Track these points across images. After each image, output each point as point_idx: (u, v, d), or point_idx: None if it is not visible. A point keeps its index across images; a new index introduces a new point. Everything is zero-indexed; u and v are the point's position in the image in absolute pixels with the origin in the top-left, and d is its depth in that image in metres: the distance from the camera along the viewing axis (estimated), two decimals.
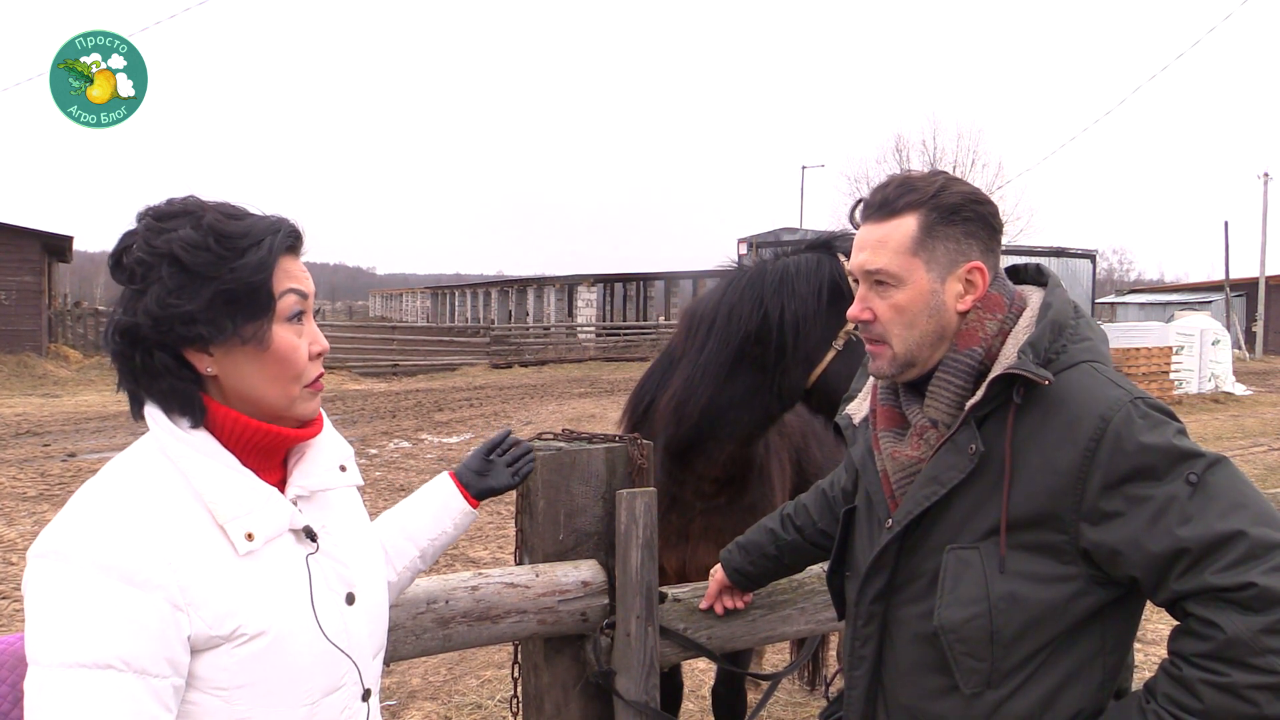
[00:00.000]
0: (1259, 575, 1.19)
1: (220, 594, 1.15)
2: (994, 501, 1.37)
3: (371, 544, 1.45)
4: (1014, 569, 1.35)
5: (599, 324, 35.04)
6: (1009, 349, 1.42)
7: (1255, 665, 1.18)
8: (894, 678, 1.49)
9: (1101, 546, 1.30)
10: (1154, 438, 1.29)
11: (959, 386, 1.43)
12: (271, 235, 1.24)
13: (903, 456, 1.48)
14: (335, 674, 1.27)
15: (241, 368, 1.23)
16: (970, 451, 1.38)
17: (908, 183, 1.46)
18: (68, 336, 23.56)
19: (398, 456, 11.15)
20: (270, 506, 1.23)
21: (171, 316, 1.18)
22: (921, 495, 1.42)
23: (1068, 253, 24.76)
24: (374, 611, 1.37)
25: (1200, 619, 1.23)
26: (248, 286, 1.20)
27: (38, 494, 8.39)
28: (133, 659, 1.08)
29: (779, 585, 2.17)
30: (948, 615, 1.37)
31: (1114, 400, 1.33)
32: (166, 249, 1.19)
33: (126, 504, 1.15)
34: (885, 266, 1.43)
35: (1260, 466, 10.65)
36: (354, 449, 7.56)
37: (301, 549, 1.27)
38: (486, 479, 1.77)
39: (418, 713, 4.28)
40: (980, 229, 1.45)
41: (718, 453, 2.77)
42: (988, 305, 1.45)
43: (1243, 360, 29.09)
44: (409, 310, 70.93)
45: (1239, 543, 1.21)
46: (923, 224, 1.42)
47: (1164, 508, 1.26)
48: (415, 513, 1.68)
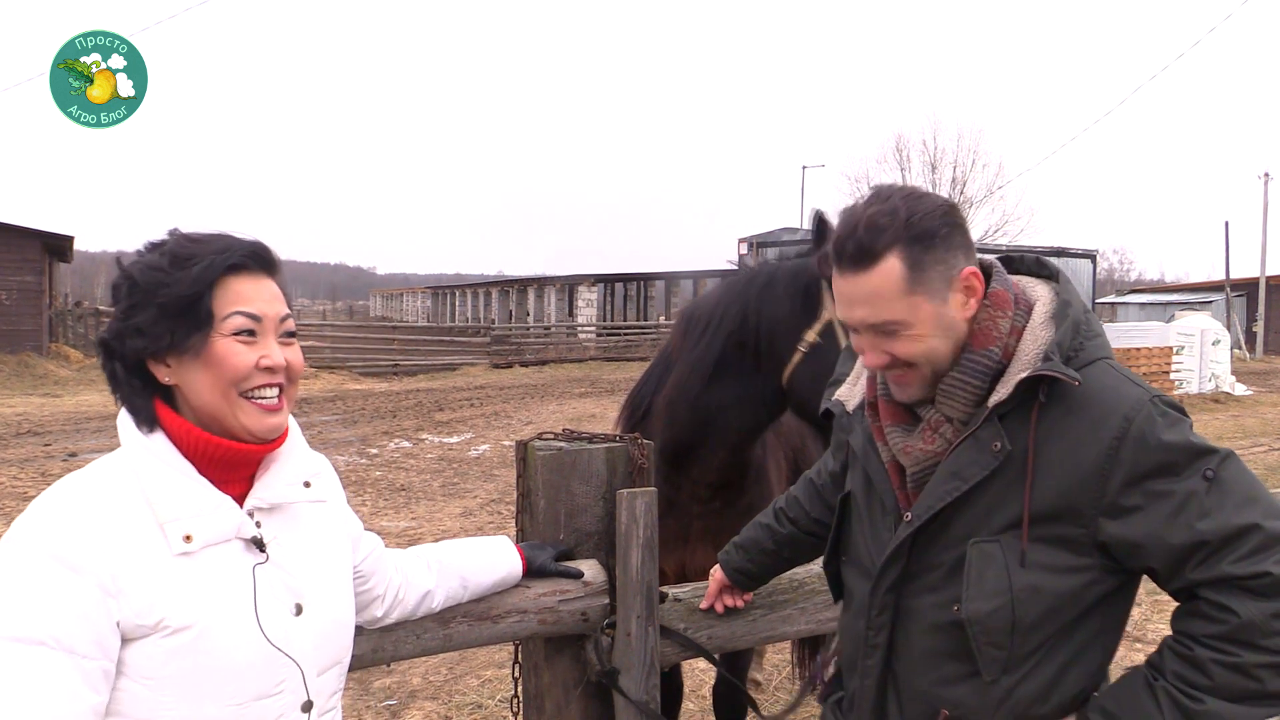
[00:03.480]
0: (1273, 565, 1.27)
1: (148, 586, 1.23)
2: (1015, 496, 1.40)
3: (336, 562, 1.48)
4: (1034, 561, 1.39)
5: (599, 324, 35.04)
6: (1027, 347, 1.43)
7: (1264, 646, 1.27)
8: (907, 665, 1.52)
9: (1121, 540, 1.35)
10: (1174, 436, 1.34)
11: (976, 386, 1.44)
12: (216, 255, 1.32)
13: (916, 451, 1.49)
14: (272, 679, 1.31)
15: (189, 376, 1.31)
16: (995, 449, 1.40)
17: (874, 222, 1.40)
18: (68, 336, 23.57)
19: (398, 456, 11.15)
20: (218, 514, 1.30)
21: (125, 330, 1.30)
22: (944, 490, 1.44)
23: (1068, 253, 24.71)
24: (326, 626, 1.40)
25: (1214, 604, 1.30)
26: (181, 300, 1.29)
27: (38, 494, 8.37)
28: (64, 637, 1.16)
29: (779, 585, 2.17)
30: (974, 607, 1.41)
31: (1136, 400, 1.36)
32: (130, 270, 1.32)
33: (76, 498, 1.26)
34: (889, 318, 1.41)
35: (1261, 466, 10.64)
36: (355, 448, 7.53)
37: (250, 558, 1.34)
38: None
39: (418, 712, 4.28)
40: (957, 235, 1.43)
41: (711, 459, 2.77)
42: (996, 303, 1.46)
43: (1243, 360, 29.08)
44: (409, 310, 70.96)
45: (1254, 535, 1.29)
46: (908, 261, 1.39)
47: (1184, 503, 1.31)
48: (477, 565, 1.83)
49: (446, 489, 9.33)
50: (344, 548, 1.53)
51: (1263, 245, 37.35)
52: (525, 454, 2.05)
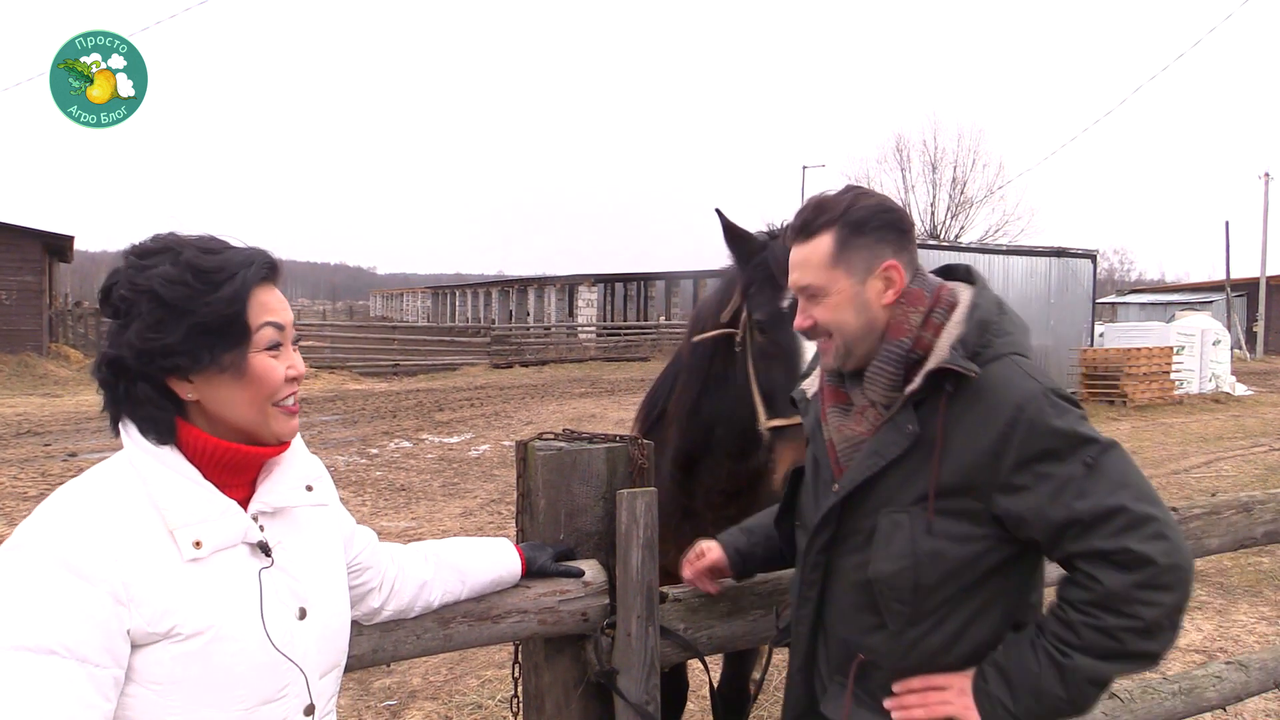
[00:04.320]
0: (1134, 542, 1.46)
1: (160, 593, 1.22)
2: (924, 473, 1.59)
3: (335, 565, 1.49)
4: (939, 530, 1.58)
5: (599, 324, 35.06)
6: (943, 342, 1.62)
7: (1125, 612, 1.46)
8: (834, 616, 1.74)
9: (1010, 514, 1.55)
10: (1061, 424, 1.52)
11: (891, 373, 1.64)
12: (244, 269, 1.31)
13: (848, 431, 1.71)
14: (277, 683, 1.31)
15: (220, 393, 1.31)
16: (908, 431, 1.60)
17: (821, 205, 1.68)
18: (68, 336, 23.58)
19: (398, 456, 11.15)
20: (225, 519, 1.30)
21: (152, 349, 1.26)
22: (865, 465, 1.64)
23: (1068, 253, 24.61)
24: (327, 629, 1.41)
25: (1085, 574, 1.50)
26: (223, 319, 1.28)
27: (39, 494, 8.40)
28: (75, 646, 1.15)
29: (780, 585, 2.17)
30: (880, 567, 1.61)
31: (1029, 391, 1.54)
32: (147, 285, 1.27)
33: (84, 505, 1.24)
34: (812, 281, 1.67)
35: (1261, 466, 10.65)
36: (355, 448, 7.55)
37: (255, 562, 1.33)
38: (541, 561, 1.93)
39: (418, 712, 4.28)
40: (889, 233, 1.66)
41: (719, 468, 2.75)
42: (910, 300, 1.66)
43: (1243, 360, 29.08)
44: (410, 310, 70.97)
45: (1121, 516, 1.47)
46: (837, 239, 1.64)
47: (1064, 485, 1.50)
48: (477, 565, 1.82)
49: (446, 489, 9.33)
50: (340, 550, 1.54)
51: (1263, 245, 37.37)
52: (525, 454, 2.05)
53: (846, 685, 1.70)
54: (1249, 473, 10.14)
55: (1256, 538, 2.77)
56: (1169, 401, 17.22)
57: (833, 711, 1.72)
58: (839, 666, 1.72)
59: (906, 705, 1.63)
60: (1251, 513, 2.74)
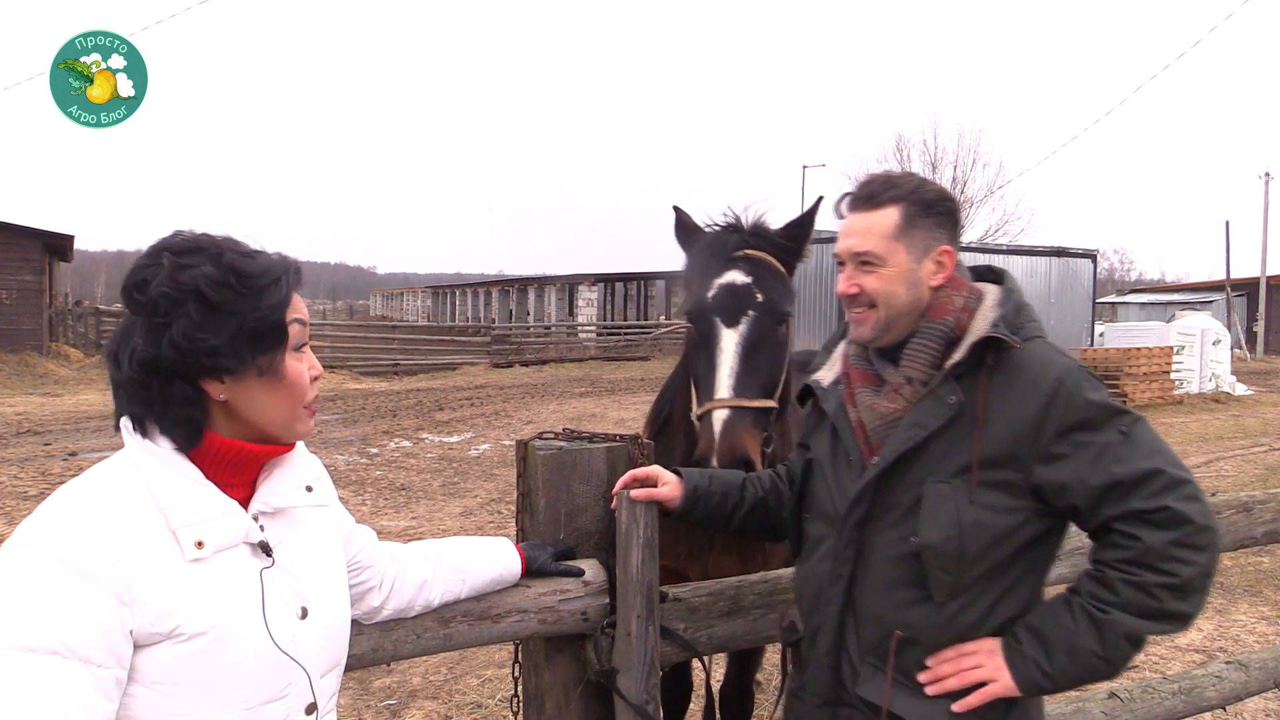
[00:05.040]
0: (1172, 501, 1.54)
1: (163, 593, 1.22)
2: (965, 445, 1.65)
3: (335, 565, 1.50)
4: (980, 500, 1.63)
5: (599, 323, 35.05)
6: (978, 323, 1.71)
7: (1162, 569, 1.53)
8: (867, 593, 1.74)
9: (1052, 482, 1.61)
10: (1096, 396, 1.62)
11: (933, 349, 1.72)
12: (285, 275, 1.35)
13: (881, 408, 1.75)
14: (279, 683, 1.31)
15: (253, 394, 1.32)
16: (950, 402, 1.66)
17: (890, 180, 1.76)
18: (68, 335, 23.57)
19: (399, 456, 11.15)
20: (226, 519, 1.30)
21: (197, 350, 1.26)
22: (906, 437, 1.69)
23: (1068, 252, 24.64)
24: (329, 628, 1.42)
25: (1124, 534, 1.57)
26: (269, 324, 1.31)
27: (39, 493, 8.40)
28: (78, 647, 1.14)
29: (780, 585, 2.17)
30: (928, 535, 1.65)
31: (1066, 365, 1.65)
32: (192, 285, 1.27)
33: (86, 505, 1.23)
34: (872, 249, 1.73)
35: (1261, 466, 10.64)
36: (355, 448, 7.54)
37: (256, 562, 1.34)
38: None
39: (418, 712, 4.28)
40: (948, 221, 1.77)
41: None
42: (954, 285, 1.76)
43: (1243, 360, 29.07)
44: (410, 309, 70.95)
45: (1159, 478, 1.56)
46: (904, 214, 1.72)
47: (1102, 451, 1.59)
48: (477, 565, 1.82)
49: (446, 488, 9.33)
50: (340, 549, 1.54)
51: (1263, 245, 37.37)
52: (525, 453, 2.05)
53: (883, 668, 1.71)
54: (1249, 472, 10.13)
55: (1256, 537, 2.77)
56: (1169, 401, 17.21)
57: (869, 693, 1.72)
58: (872, 647, 1.73)
59: (941, 675, 1.66)
60: (1251, 512, 2.74)
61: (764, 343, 2.42)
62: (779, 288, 2.49)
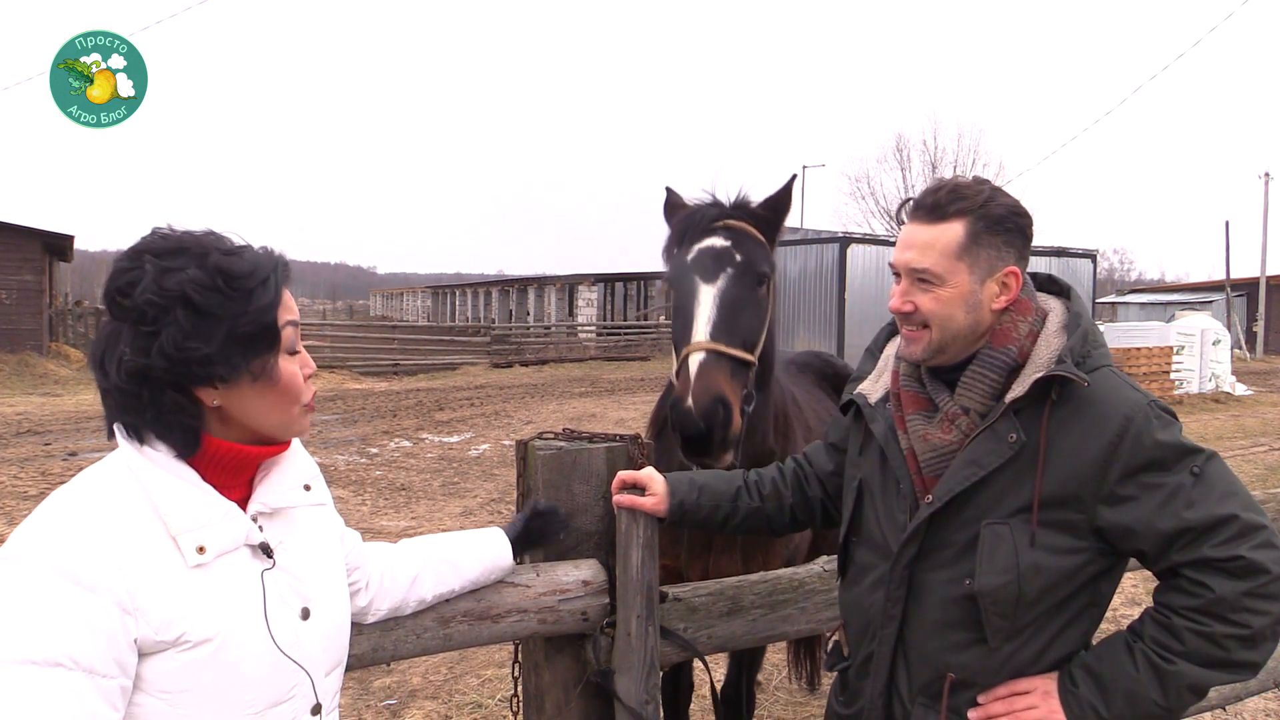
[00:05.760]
0: (1246, 550, 1.45)
1: (167, 601, 1.20)
2: (1025, 483, 1.55)
3: (334, 563, 1.49)
4: (1040, 543, 1.54)
5: (599, 323, 35.02)
6: (1041, 351, 1.60)
7: (1232, 620, 1.45)
8: (918, 633, 1.66)
9: (1117, 526, 1.52)
10: (1166, 436, 1.52)
11: (993, 380, 1.60)
12: (273, 273, 1.29)
13: (935, 439, 1.64)
14: (284, 686, 1.30)
15: (246, 399, 1.29)
16: (1010, 440, 1.56)
17: (958, 190, 1.60)
18: (68, 336, 23.54)
19: (398, 456, 11.15)
20: (227, 522, 1.28)
21: (189, 359, 1.22)
22: (961, 475, 1.58)
23: (1068, 252, 24.62)
24: (330, 628, 1.41)
25: (1193, 581, 1.48)
26: (260, 326, 1.26)
27: (39, 493, 8.39)
28: (81, 658, 1.12)
29: (780, 584, 2.17)
30: (986, 581, 1.55)
31: (1135, 403, 1.54)
32: (179, 291, 1.21)
33: (84, 513, 1.20)
34: (931, 267, 1.59)
35: (1261, 466, 10.64)
36: (355, 448, 7.54)
37: (257, 564, 1.32)
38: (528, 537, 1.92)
39: (418, 711, 4.28)
40: (1018, 239, 1.61)
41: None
42: (1020, 309, 1.63)
43: (1243, 360, 29.06)
44: (410, 310, 70.91)
45: (1232, 524, 1.47)
46: (969, 231, 1.58)
47: (1173, 495, 1.49)
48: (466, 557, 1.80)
49: (446, 488, 9.33)
50: (339, 547, 1.53)
51: (1263, 245, 37.35)
52: (525, 453, 2.05)
53: (936, 707, 1.63)
54: (1249, 473, 10.12)
55: None
56: (1169, 401, 17.20)
57: None
58: (923, 687, 1.66)
59: (993, 715, 1.59)
60: None
61: (743, 300, 2.39)
62: (759, 251, 2.49)
